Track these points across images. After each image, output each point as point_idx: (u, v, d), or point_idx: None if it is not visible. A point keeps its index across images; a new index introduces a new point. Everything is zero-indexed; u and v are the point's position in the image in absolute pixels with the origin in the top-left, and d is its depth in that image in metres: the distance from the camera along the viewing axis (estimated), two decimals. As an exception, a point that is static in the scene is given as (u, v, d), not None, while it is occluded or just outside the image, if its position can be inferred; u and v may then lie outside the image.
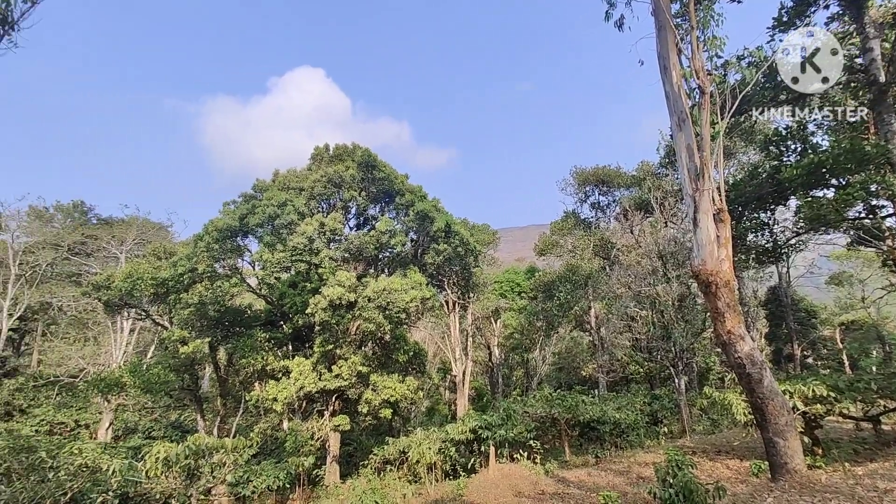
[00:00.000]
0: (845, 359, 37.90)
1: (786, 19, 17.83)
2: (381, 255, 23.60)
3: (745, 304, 30.18)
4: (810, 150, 18.20)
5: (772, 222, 22.65)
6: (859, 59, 16.94)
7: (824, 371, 29.75)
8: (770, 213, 22.20)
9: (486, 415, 18.87)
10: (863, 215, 17.79)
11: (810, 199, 17.97)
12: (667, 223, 27.30)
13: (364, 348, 22.34)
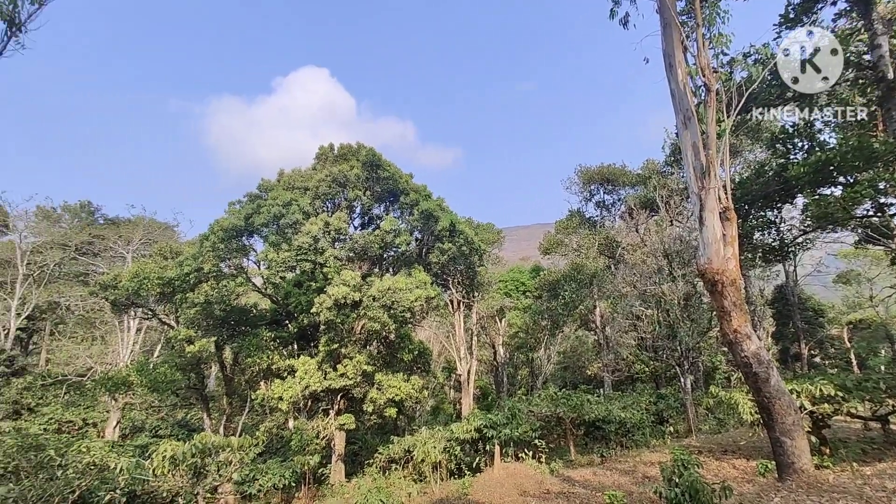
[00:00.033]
0: (853, 358, 37.60)
1: (792, 16, 17.69)
2: (385, 255, 23.63)
3: (751, 303, 30.06)
4: (817, 148, 18.05)
5: (778, 220, 22.49)
6: (867, 56, 16.77)
7: (832, 370, 29.52)
8: (777, 212, 22.04)
9: (491, 414, 18.87)
10: (871, 213, 17.63)
11: (817, 196, 17.83)
12: (672, 222, 27.20)
13: (369, 347, 22.37)
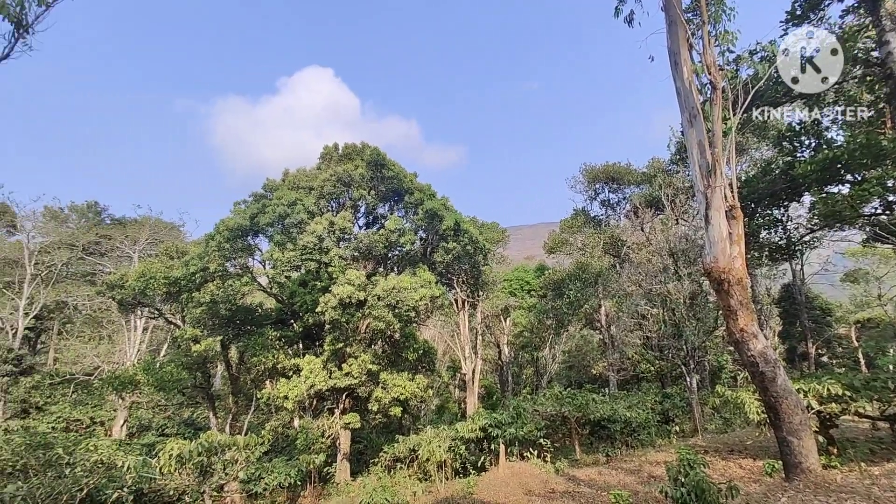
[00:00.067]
0: (861, 357, 37.26)
1: (799, 13, 17.57)
2: (390, 254, 23.64)
3: (757, 302, 29.86)
4: (825, 146, 17.92)
5: (785, 219, 22.38)
6: (875, 53, 16.63)
7: (839, 369, 29.27)
8: (783, 210, 21.93)
9: (496, 413, 18.86)
10: (879, 211, 17.50)
11: (825, 195, 17.71)
12: (678, 220, 27.07)
13: (374, 346, 22.41)
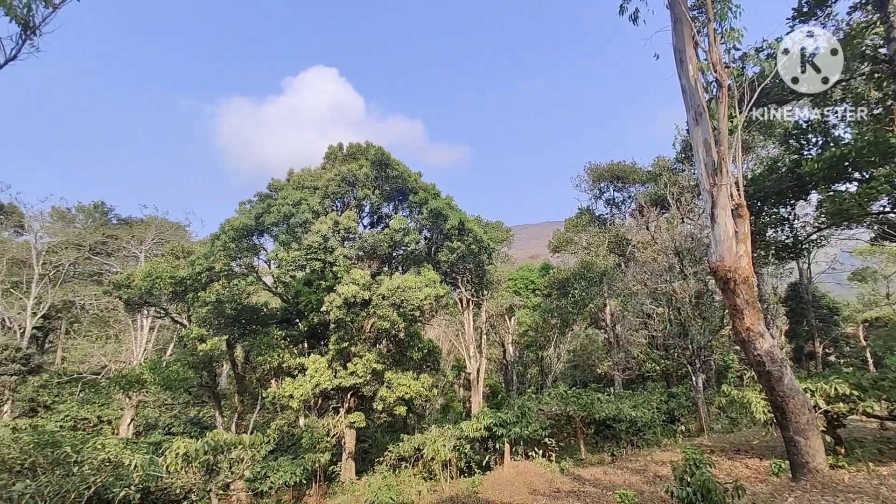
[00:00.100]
0: (869, 356, 37.03)
1: (806, 9, 17.41)
2: (394, 253, 23.66)
3: (764, 301, 29.73)
4: (832, 143, 17.77)
5: (792, 217, 22.21)
6: (883, 50, 16.47)
7: (847, 369, 29.05)
8: (790, 208, 21.77)
9: (501, 412, 18.85)
10: (887, 209, 17.36)
11: (832, 193, 17.56)
12: (683, 219, 26.97)
13: (379, 346, 22.44)
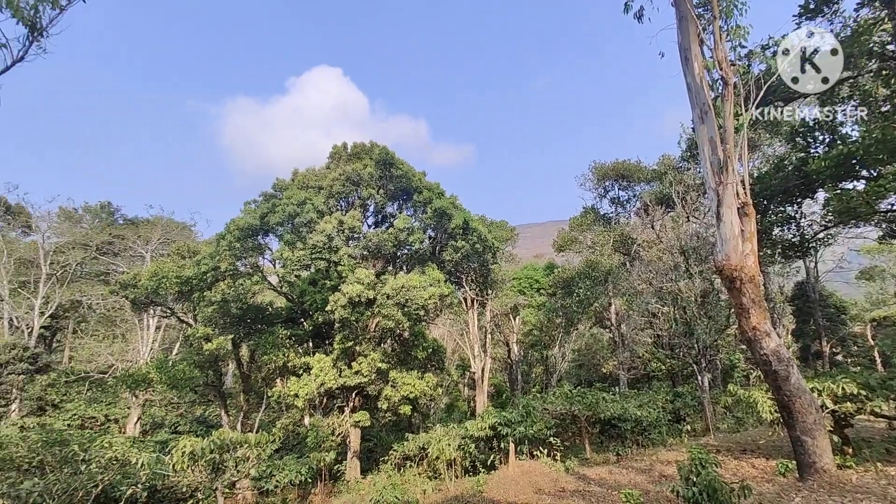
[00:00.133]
0: (877, 356, 36.70)
1: (813, 6, 17.24)
2: (399, 253, 23.69)
3: (770, 300, 29.53)
4: (839, 141, 17.60)
5: (799, 216, 22.02)
6: (891, 47, 16.31)
7: (854, 368, 28.87)
8: (797, 207, 21.58)
9: (506, 412, 18.84)
10: (895, 207, 17.20)
11: (839, 191, 17.40)
12: (689, 218, 26.82)
13: (383, 345, 22.48)
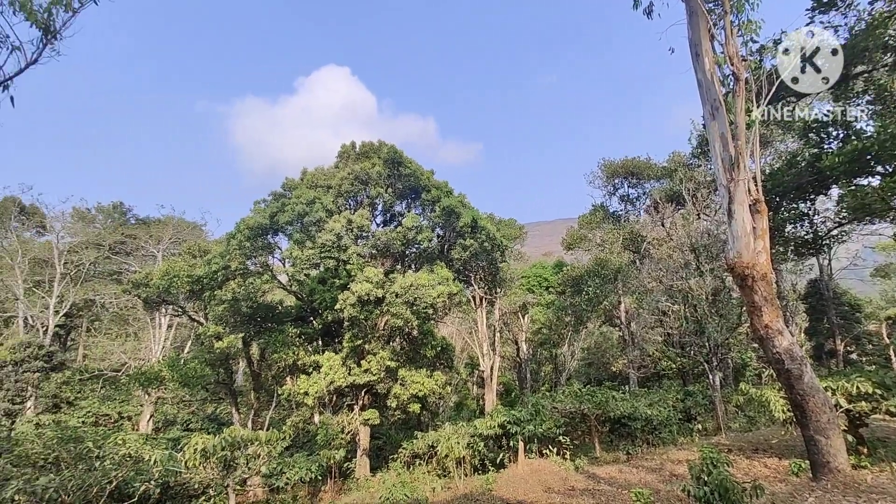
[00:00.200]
0: (892, 354, 36.16)
1: (826, 0, 17.01)
2: (407, 251, 23.74)
3: (783, 298, 29.19)
4: (853, 136, 17.33)
5: (812, 212, 21.76)
6: (907, 40, 16.03)
7: (869, 367, 28.45)
8: (810, 203, 21.33)
9: (515, 410, 18.80)
10: (912, 204, 16.89)
11: (854, 187, 17.16)
12: (699, 215, 26.59)
13: (392, 343, 22.55)
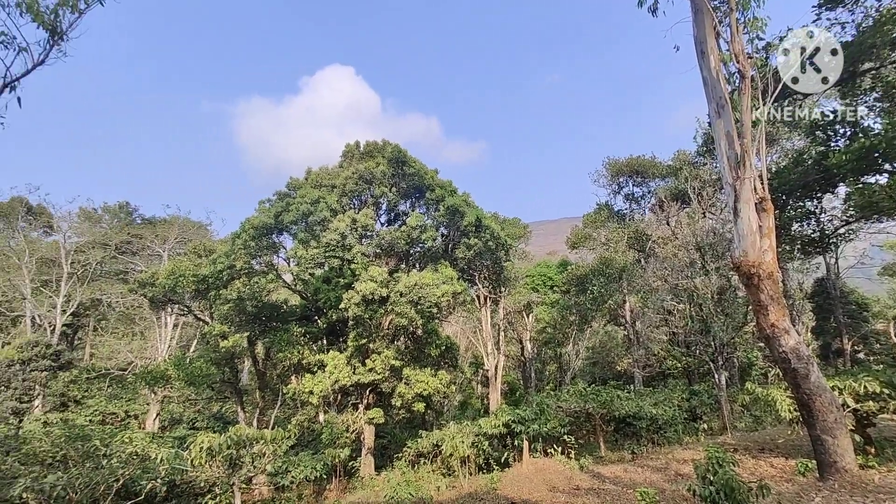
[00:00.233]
0: (901, 354, 35.85)
1: (833, -5, 16.86)
2: (412, 251, 23.74)
3: (789, 297, 28.99)
4: (861, 134, 17.19)
5: (818, 211, 21.60)
6: (915, 36, 15.85)
7: (877, 366, 28.24)
8: (817, 202, 21.18)
9: (519, 409, 18.78)
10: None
11: (861, 185, 17.04)
12: (705, 214, 26.47)
13: (397, 342, 22.56)
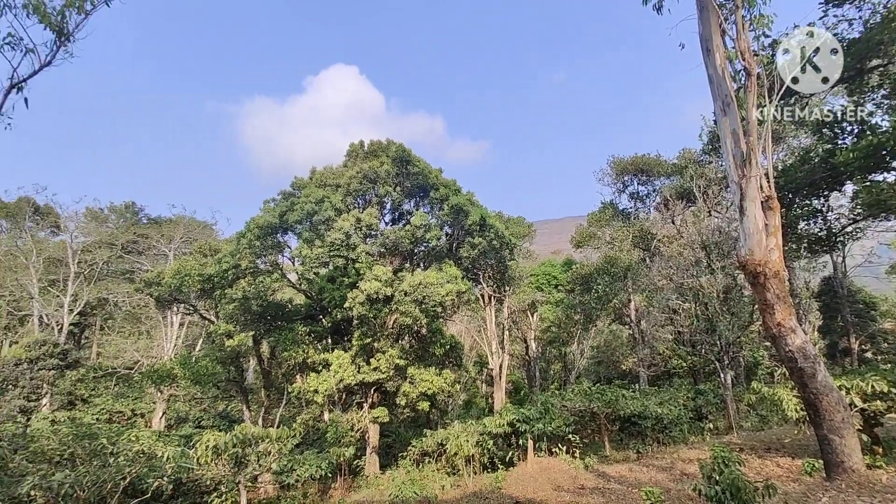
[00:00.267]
0: (909, 353, 35.55)
1: (840, -8, 16.75)
2: (416, 250, 23.75)
3: (795, 296, 28.81)
4: (868, 131, 17.06)
5: (825, 209, 21.48)
6: (924, 32, 15.71)
7: (885, 366, 27.99)
8: (823, 200, 21.06)
9: (524, 408, 18.78)
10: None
11: (869, 183, 16.91)
12: (710, 212, 26.32)
13: (401, 342, 22.58)
